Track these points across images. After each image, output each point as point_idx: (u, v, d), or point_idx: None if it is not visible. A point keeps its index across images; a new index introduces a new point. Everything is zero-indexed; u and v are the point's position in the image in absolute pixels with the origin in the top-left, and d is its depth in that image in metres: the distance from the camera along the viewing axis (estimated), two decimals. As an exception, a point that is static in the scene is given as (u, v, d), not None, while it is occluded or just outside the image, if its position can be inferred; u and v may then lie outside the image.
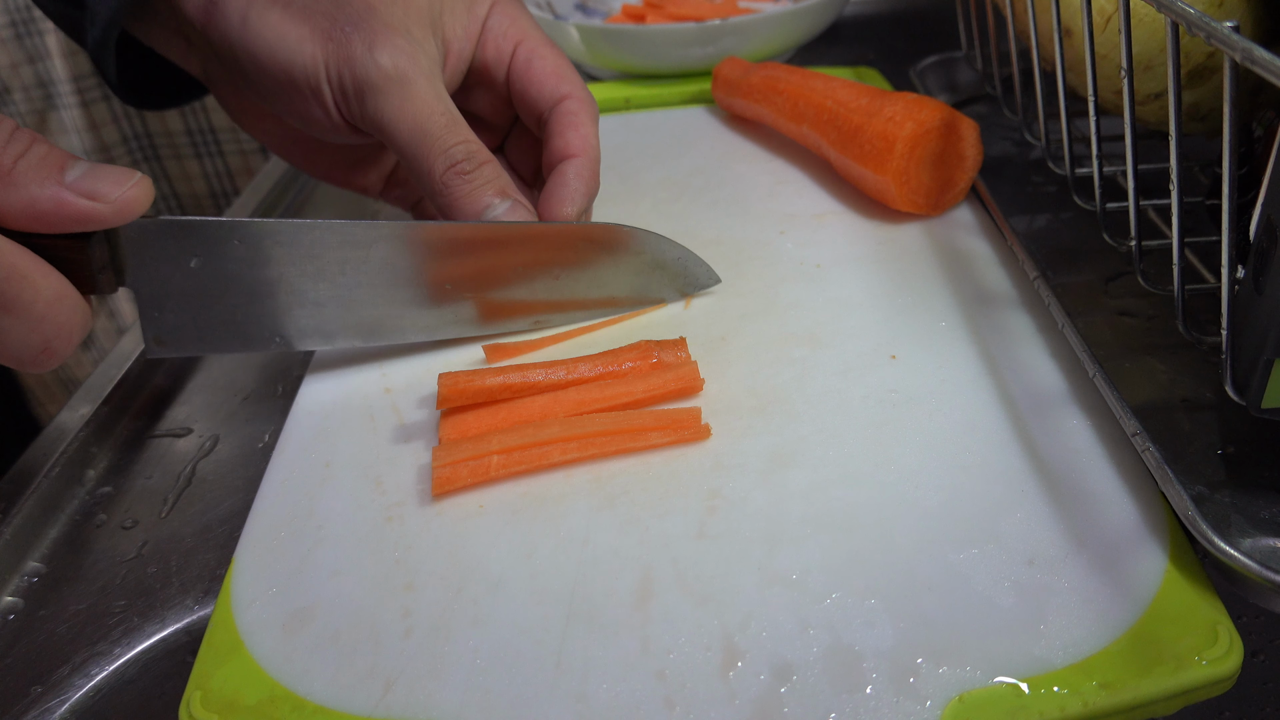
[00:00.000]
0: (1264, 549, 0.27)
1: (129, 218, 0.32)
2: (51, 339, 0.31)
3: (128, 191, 0.31)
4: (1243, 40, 0.25)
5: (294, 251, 0.36)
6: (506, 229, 0.39)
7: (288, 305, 0.37)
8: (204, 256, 0.35)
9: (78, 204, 0.30)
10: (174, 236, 0.34)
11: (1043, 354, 0.38)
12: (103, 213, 0.31)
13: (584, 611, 0.29)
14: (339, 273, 0.37)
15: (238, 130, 1.06)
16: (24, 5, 0.94)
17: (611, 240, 0.41)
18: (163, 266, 0.34)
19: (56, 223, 0.30)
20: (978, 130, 0.46)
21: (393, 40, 0.38)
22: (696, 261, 0.43)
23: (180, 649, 0.34)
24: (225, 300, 0.36)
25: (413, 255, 0.38)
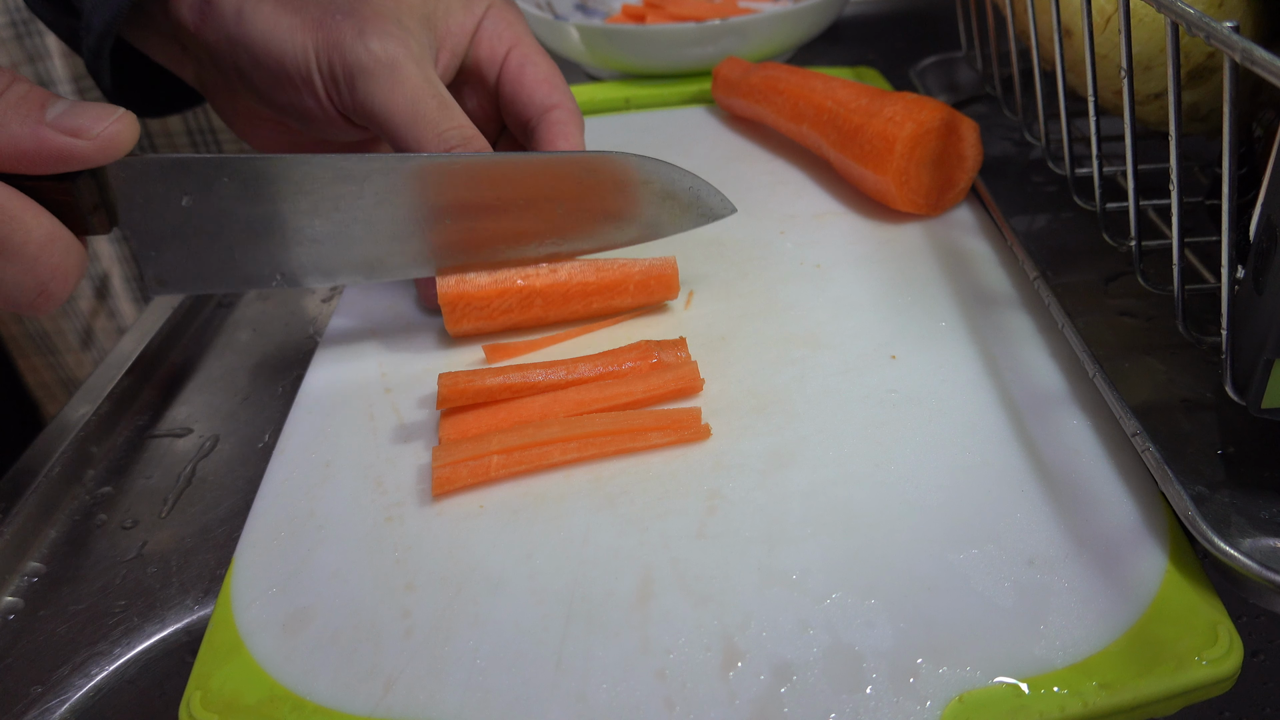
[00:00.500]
0: (1264, 549, 0.27)
1: (113, 154, 0.31)
2: (47, 281, 0.31)
3: (110, 127, 0.31)
4: (1243, 40, 0.25)
5: (286, 187, 0.35)
6: (506, 159, 0.38)
7: (284, 242, 0.36)
8: (195, 194, 0.34)
9: (59, 140, 0.29)
10: (163, 175, 0.33)
11: (1043, 354, 0.38)
12: (85, 149, 0.30)
13: (584, 611, 0.29)
14: (334, 209, 0.36)
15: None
16: (24, 5, 0.94)
17: (617, 170, 0.39)
18: (155, 206, 0.34)
19: (39, 161, 0.30)
20: (978, 130, 0.46)
21: (383, 26, 0.38)
22: (709, 190, 0.41)
23: (180, 649, 0.34)
24: (222, 238, 0.35)
25: (410, 189, 0.37)
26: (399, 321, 0.44)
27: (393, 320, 0.44)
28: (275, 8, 0.39)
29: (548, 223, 0.39)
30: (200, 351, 0.48)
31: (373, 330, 0.43)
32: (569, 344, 0.41)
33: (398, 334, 0.43)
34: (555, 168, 0.38)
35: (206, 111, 1.06)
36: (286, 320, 0.50)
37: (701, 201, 0.41)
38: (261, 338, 0.49)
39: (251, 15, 0.39)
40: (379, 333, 0.43)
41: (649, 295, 0.42)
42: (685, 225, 0.42)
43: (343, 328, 0.43)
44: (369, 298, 0.45)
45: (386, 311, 0.44)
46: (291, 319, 0.50)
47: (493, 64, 0.44)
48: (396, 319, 0.44)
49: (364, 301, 0.45)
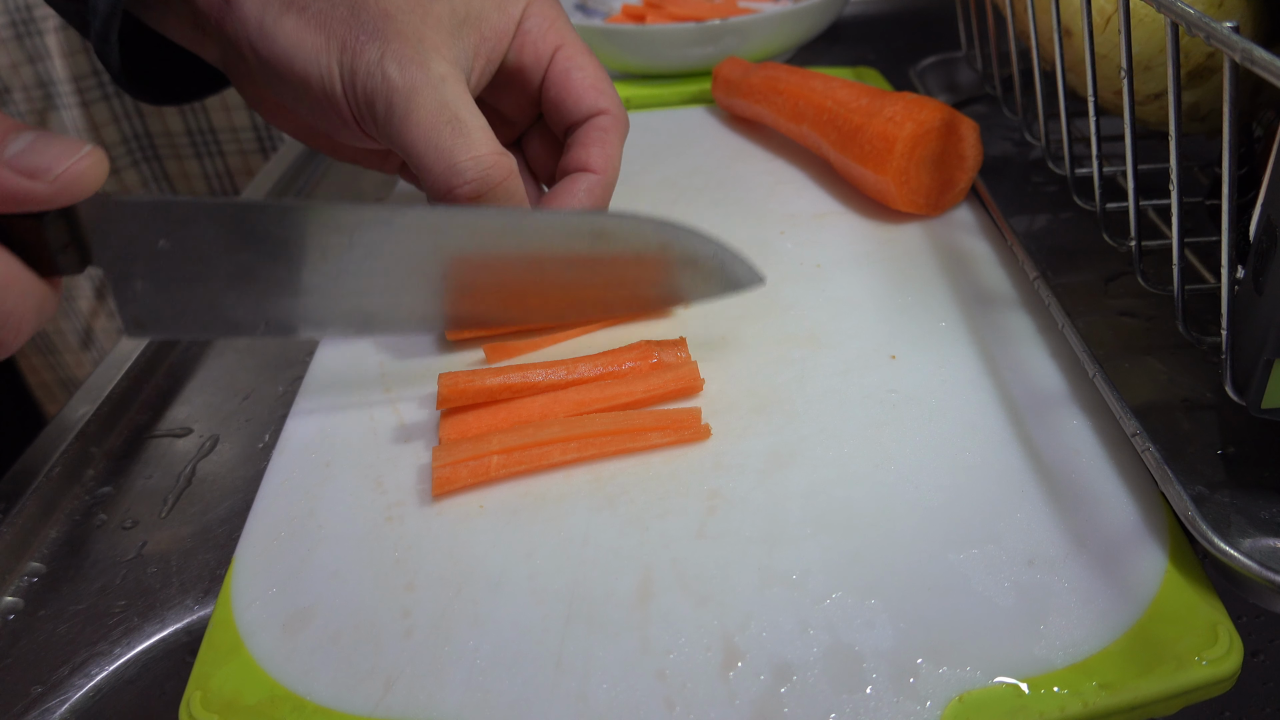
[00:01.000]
0: (1264, 549, 0.27)
1: (76, 196, 0.29)
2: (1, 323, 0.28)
3: (73, 167, 0.28)
4: (1242, 40, 0.25)
5: (265, 235, 0.33)
6: (508, 215, 0.36)
7: (268, 291, 0.34)
8: (172, 239, 0.32)
9: (13, 181, 0.27)
10: (136, 217, 0.31)
11: (1043, 354, 0.38)
12: (41, 191, 0.28)
13: (584, 611, 0.29)
14: (321, 259, 0.34)
15: (237, 130, 1.06)
16: (24, 5, 0.94)
17: (629, 234, 0.36)
18: (130, 248, 0.31)
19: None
20: (978, 130, 0.46)
21: (403, 50, 0.37)
22: (734, 258, 0.38)
23: (180, 649, 0.34)
24: (202, 283, 0.33)
25: (402, 242, 0.35)
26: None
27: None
28: (299, 24, 0.37)
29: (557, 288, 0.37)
30: (200, 351, 0.48)
31: (373, 330, 0.43)
32: (569, 344, 0.41)
33: (398, 334, 0.43)
34: (565, 226, 0.36)
35: (207, 112, 1.06)
36: (286, 320, 0.50)
37: (726, 270, 0.38)
38: (261, 338, 0.49)
39: (273, 27, 0.37)
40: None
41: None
42: (709, 295, 0.39)
43: (343, 328, 0.43)
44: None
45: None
46: (291, 319, 0.50)
47: (537, 66, 0.43)
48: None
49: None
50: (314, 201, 0.34)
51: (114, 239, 0.31)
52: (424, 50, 0.37)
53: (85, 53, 0.99)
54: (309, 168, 0.66)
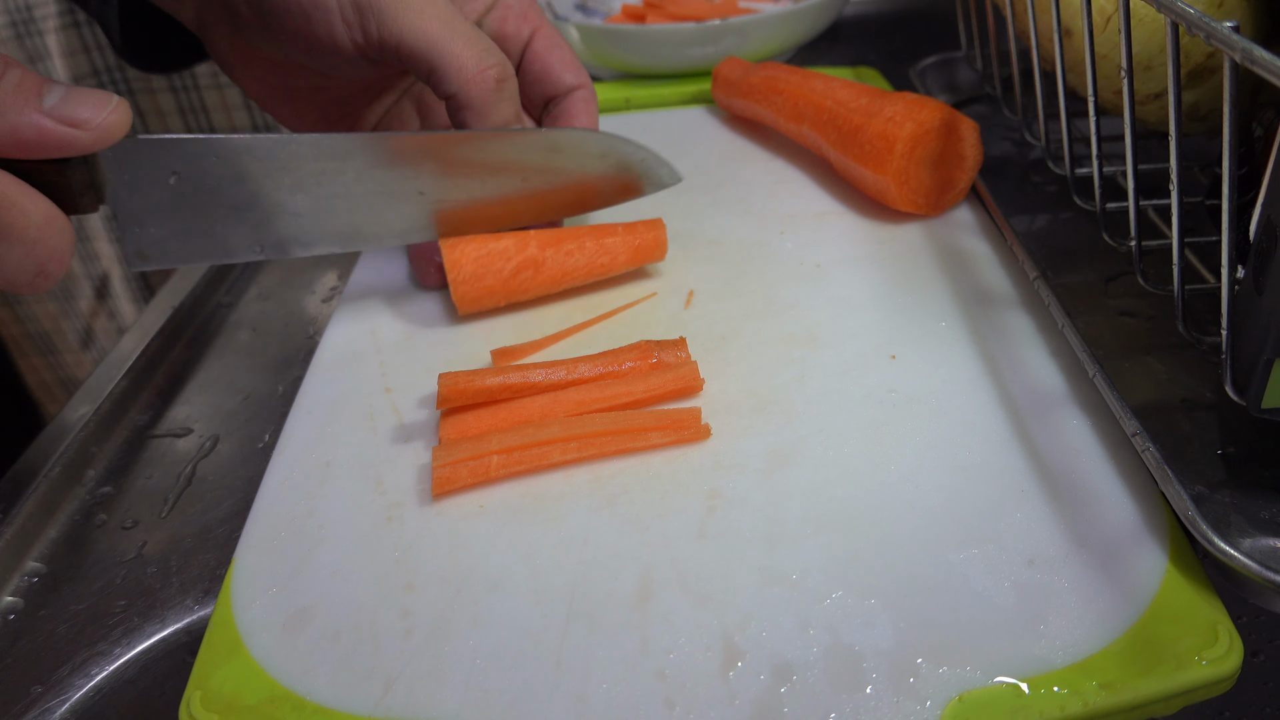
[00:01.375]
0: (1264, 549, 0.27)
1: (110, 142, 0.31)
2: (45, 262, 0.31)
3: (108, 117, 0.31)
4: (1242, 40, 0.25)
5: (270, 165, 0.37)
6: (476, 137, 0.40)
7: (267, 217, 0.38)
8: (182, 173, 0.35)
9: (59, 131, 0.30)
10: (151, 155, 0.34)
11: (1043, 354, 0.38)
12: (84, 139, 0.30)
13: (584, 611, 0.29)
14: (315, 184, 0.38)
15: (237, 130, 1.06)
16: (24, 5, 0.94)
17: (577, 145, 0.42)
18: (142, 184, 0.35)
19: (38, 149, 0.30)
20: (978, 130, 0.46)
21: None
22: (659, 162, 0.45)
23: (180, 649, 0.34)
24: (205, 213, 0.36)
25: (387, 164, 0.39)
26: (399, 321, 0.44)
27: (393, 320, 0.44)
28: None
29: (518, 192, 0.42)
30: (200, 351, 0.48)
31: (373, 330, 0.43)
32: (569, 343, 0.41)
33: (398, 334, 0.43)
34: (521, 141, 0.41)
35: (207, 112, 1.06)
36: (286, 320, 0.50)
37: (652, 172, 0.45)
38: (261, 338, 0.49)
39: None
40: (379, 333, 0.43)
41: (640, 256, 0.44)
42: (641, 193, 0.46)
43: (343, 328, 0.43)
44: (369, 297, 0.45)
45: (387, 311, 0.44)
46: (291, 319, 0.50)
47: (516, 41, 0.46)
48: (396, 319, 0.44)
49: (364, 301, 0.45)
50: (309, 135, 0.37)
51: (127, 177, 0.34)
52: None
53: (85, 53, 0.99)
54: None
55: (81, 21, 0.97)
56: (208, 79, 1.03)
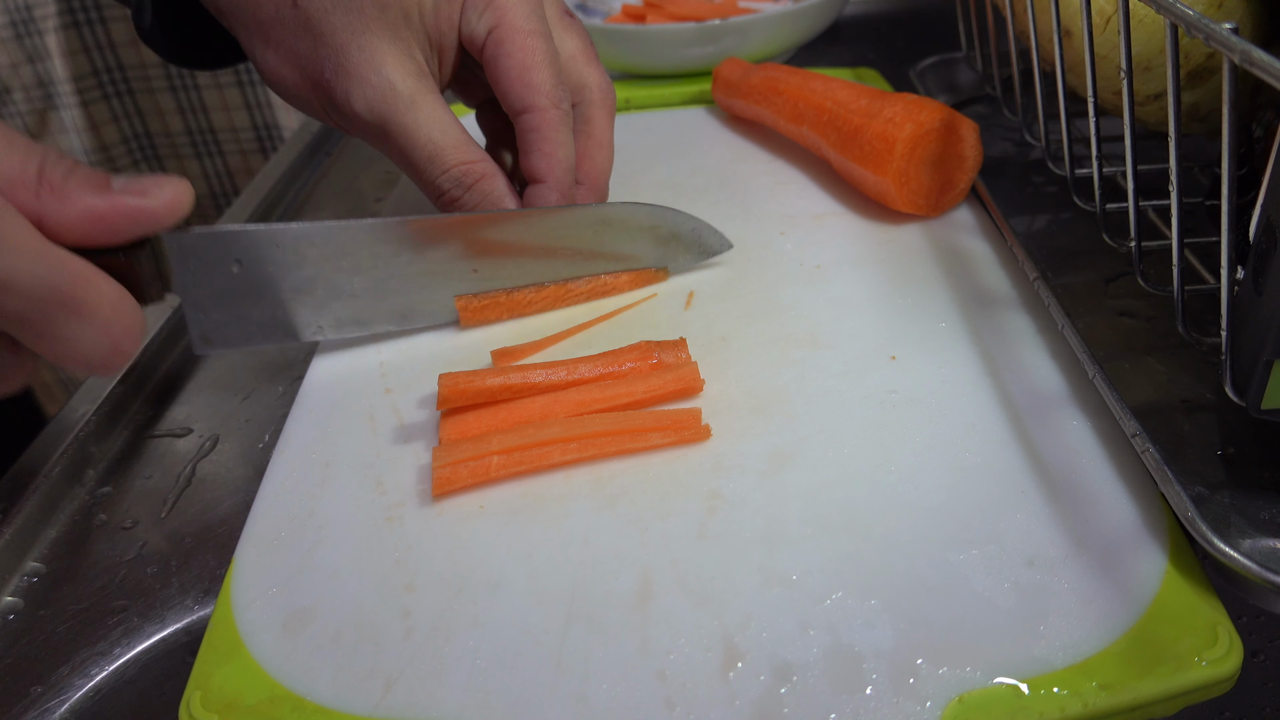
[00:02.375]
0: (1264, 550, 0.27)
1: (178, 214, 0.32)
2: (120, 339, 0.32)
3: (172, 189, 0.32)
4: (1242, 42, 0.25)
5: (329, 250, 0.38)
6: (526, 216, 0.41)
7: (325, 299, 0.39)
8: (244, 261, 0.37)
9: (130, 203, 0.31)
10: (215, 245, 0.36)
11: (1042, 355, 0.38)
12: (154, 208, 0.32)
13: (584, 612, 0.29)
14: (373, 266, 0.39)
15: (237, 130, 1.06)
16: (24, 5, 0.94)
17: (628, 219, 0.43)
18: (206, 272, 0.36)
19: (113, 224, 0.31)
20: (977, 131, 0.46)
21: (366, 80, 0.39)
22: (709, 230, 0.45)
23: (180, 649, 0.34)
24: (267, 298, 0.38)
25: (440, 245, 0.40)
26: (399, 322, 0.44)
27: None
28: (276, 60, 0.41)
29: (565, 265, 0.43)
30: (200, 352, 0.48)
31: (373, 330, 0.43)
32: (569, 344, 0.41)
33: (398, 334, 0.43)
34: (571, 218, 0.42)
35: (207, 112, 1.06)
36: (286, 320, 0.50)
37: (703, 241, 0.45)
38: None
39: (260, 61, 0.41)
40: (379, 333, 0.43)
41: None
42: (690, 263, 0.46)
43: (343, 328, 0.43)
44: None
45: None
46: (291, 319, 0.50)
47: (475, 51, 0.42)
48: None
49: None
50: (365, 220, 0.39)
51: (193, 266, 0.36)
52: (385, 73, 0.40)
53: (85, 53, 0.99)
54: (309, 168, 0.66)
55: (81, 22, 0.97)
56: (207, 79, 1.03)
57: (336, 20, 0.39)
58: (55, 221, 0.30)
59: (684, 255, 0.45)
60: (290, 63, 0.40)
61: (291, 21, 0.40)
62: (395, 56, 0.40)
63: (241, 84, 1.03)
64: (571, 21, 0.46)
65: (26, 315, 0.29)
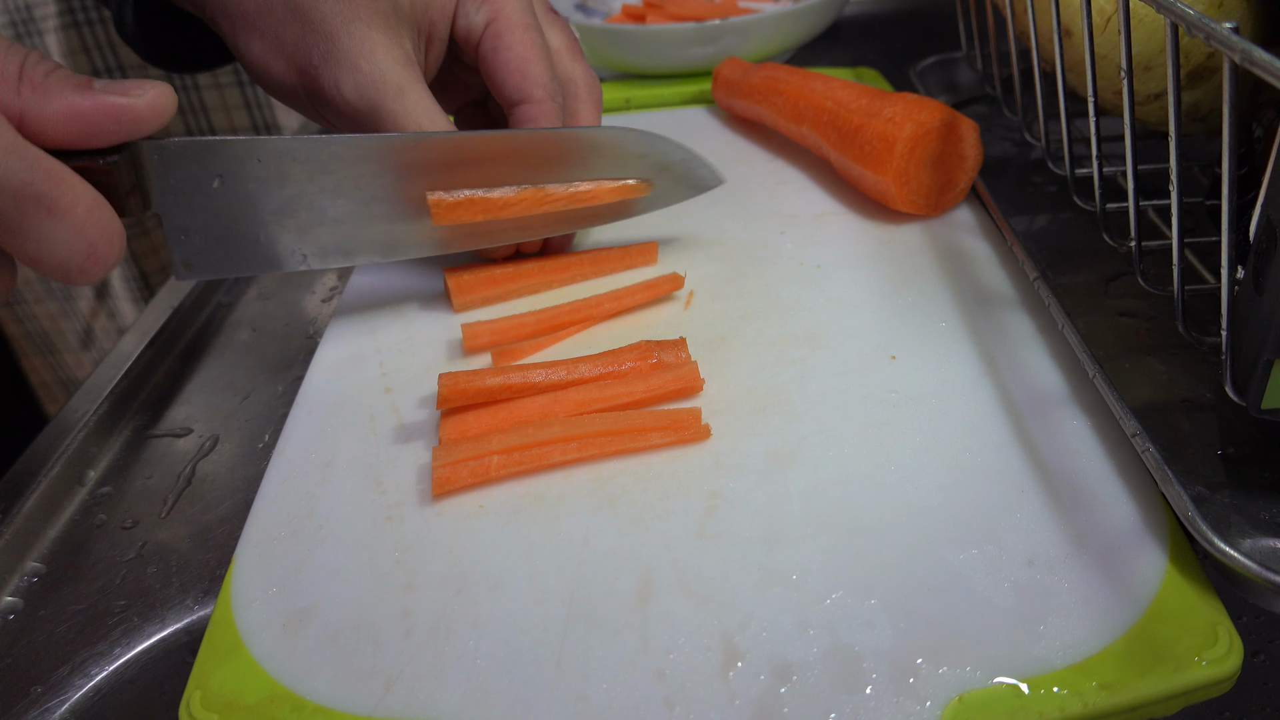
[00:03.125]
0: (1264, 550, 0.27)
1: (160, 116, 0.32)
2: (96, 243, 0.32)
3: (154, 90, 0.32)
4: (1242, 41, 0.25)
5: (311, 167, 0.37)
6: (518, 139, 0.40)
7: (309, 223, 0.38)
8: (226, 176, 0.36)
9: (114, 101, 0.31)
10: (196, 157, 0.35)
11: (1043, 354, 0.38)
12: (136, 106, 0.31)
13: (584, 611, 0.29)
14: (355, 188, 0.38)
15: (237, 130, 1.06)
16: (24, 5, 0.94)
17: (616, 145, 0.42)
18: (187, 189, 0.36)
19: (95, 123, 0.31)
20: (978, 131, 0.46)
21: (355, 66, 0.39)
22: (700, 163, 0.44)
23: (180, 649, 0.34)
24: (249, 220, 0.37)
25: (426, 166, 0.39)
26: (399, 321, 0.44)
27: (393, 320, 0.44)
28: (262, 49, 0.40)
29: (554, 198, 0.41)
30: (200, 351, 0.48)
31: (373, 330, 0.43)
32: (570, 344, 0.41)
33: (398, 334, 0.43)
34: (559, 139, 0.40)
35: (207, 112, 1.06)
36: (286, 320, 0.50)
37: (693, 174, 0.44)
38: (261, 338, 0.49)
39: (244, 52, 0.41)
40: (379, 333, 0.43)
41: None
42: (680, 197, 0.44)
43: (343, 327, 0.43)
44: (370, 297, 0.45)
45: (387, 311, 0.44)
46: (291, 319, 0.50)
47: (470, 39, 0.42)
48: (396, 319, 0.44)
49: (364, 301, 0.45)
50: (349, 135, 0.38)
51: (173, 180, 0.35)
52: (376, 59, 0.39)
53: (85, 53, 0.99)
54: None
55: (81, 22, 0.97)
56: (207, 79, 1.03)
57: (326, 7, 0.39)
58: (35, 119, 0.30)
59: (673, 187, 0.44)
60: (276, 51, 0.40)
61: (280, 8, 0.39)
62: (385, 45, 0.40)
63: (241, 84, 1.03)
64: (556, 18, 0.47)
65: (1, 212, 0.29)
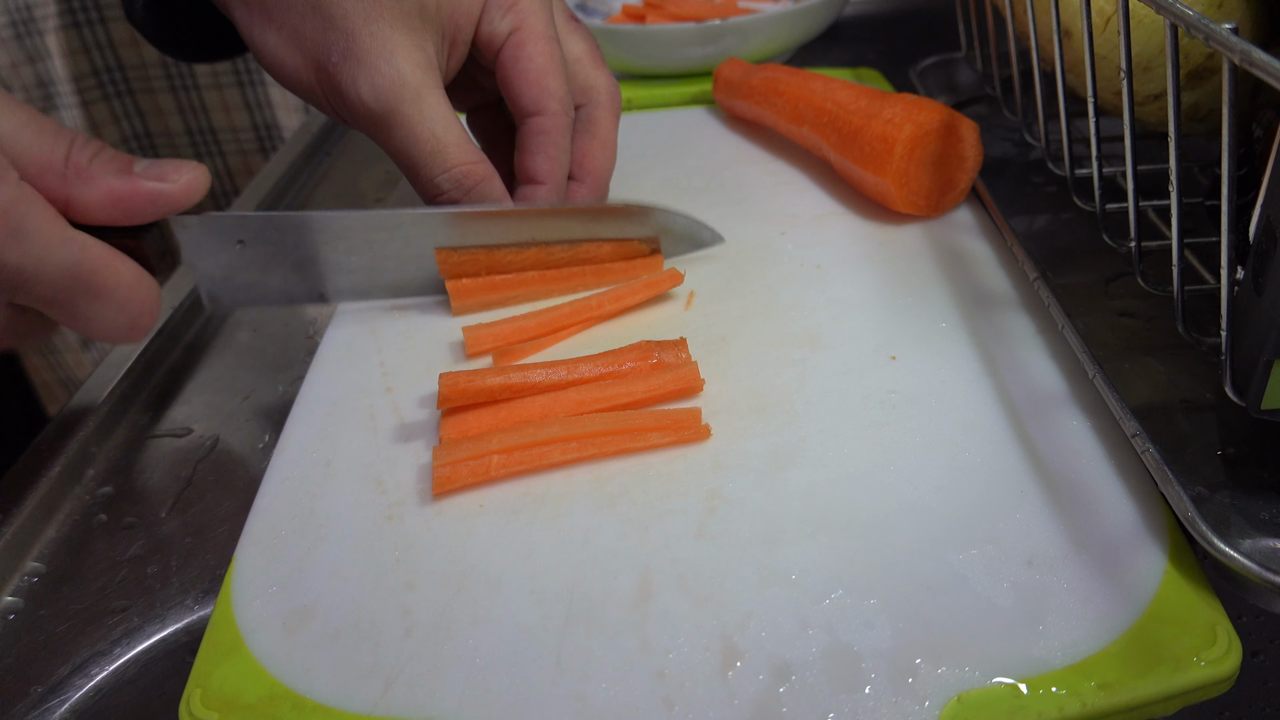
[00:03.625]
0: (1264, 550, 0.27)
1: (193, 198, 0.35)
2: (137, 316, 0.34)
3: (190, 173, 0.34)
4: (1241, 42, 0.25)
5: (326, 235, 0.41)
6: (522, 214, 0.41)
7: (325, 273, 0.42)
8: (248, 241, 0.40)
9: (150, 186, 0.33)
10: (219, 228, 0.39)
11: (1042, 355, 0.38)
12: (172, 192, 0.34)
13: (583, 611, 0.29)
14: (368, 249, 0.42)
15: (237, 130, 1.06)
16: (24, 5, 0.94)
17: (622, 216, 0.44)
18: (212, 248, 0.40)
19: (133, 206, 0.33)
20: (977, 131, 0.46)
21: (375, 68, 0.39)
22: (700, 227, 0.46)
23: (180, 649, 0.34)
24: (270, 269, 0.41)
25: (434, 233, 0.42)
26: (399, 321, 0.44)
27: (393, 320, 0.44)
28: (279, 41, 0.40)
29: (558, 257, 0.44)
30: (200, 351, 0.48)
31: (373, 330, 0.43)
32: (569, 343, 0.41)
33: (398, 334, 0.43)
34: (566, 217, 0.43)
35: (207, 112, 1.06)
36: (286, 320, 0.50)
37: (695, 236, 0.46)
38: (261, 338, 0.49)
39: (259, 43, 0.40)
40: (379, 333, 0.43)
41: None
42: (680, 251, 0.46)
43: (343, 327, 0.43)
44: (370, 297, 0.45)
45: (387, 311, 0.44)
46: (291, 319, 0.50)
47: (492, 46, 0.42)
48: (397, 319, 0.44)
49: (364, 301, 0.45)
50: (363, 210, 0.41)
51: (199, 243, 0.39)
52: (396, 62, 0.39)
53: (85, 53, 0.99)
54: (309, 168, 0.66)
55: (81, 22, 0.97)
56: (207, 79, 1.03)
57: (349, 4, 0.39)
58: (80, 203, 0.32)
59: (674, 245, 0.46)
60: (294, 45, 0.39)
61: (300, 2, 0.39)
62: (406, 47, 0.39)
63: (241, 84, 1.03)
64: (577, 25, 0.46)
65: (53, 298, 0.32)
